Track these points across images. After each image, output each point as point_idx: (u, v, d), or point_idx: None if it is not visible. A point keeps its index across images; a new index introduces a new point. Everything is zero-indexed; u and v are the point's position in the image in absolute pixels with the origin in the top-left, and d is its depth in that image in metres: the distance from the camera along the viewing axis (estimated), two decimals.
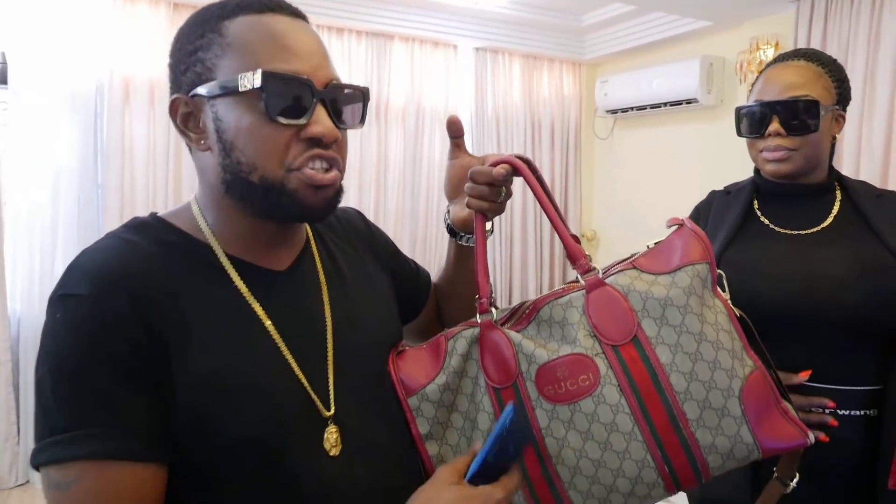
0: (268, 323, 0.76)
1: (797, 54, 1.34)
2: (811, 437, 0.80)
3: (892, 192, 1.35)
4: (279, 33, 0.74)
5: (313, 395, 0.77)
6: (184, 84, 0.76)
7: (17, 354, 3.18)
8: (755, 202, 1.39)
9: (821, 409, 1.22)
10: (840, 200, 1.34)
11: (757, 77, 1.38)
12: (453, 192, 0.97)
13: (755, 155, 1.35)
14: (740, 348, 0.81)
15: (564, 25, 4.13)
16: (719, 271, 0.85)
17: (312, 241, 0.89)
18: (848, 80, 1.35)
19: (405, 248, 3.98)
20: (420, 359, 0.88)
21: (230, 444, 0.70)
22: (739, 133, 1.36)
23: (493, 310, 0.87)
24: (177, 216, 0.80)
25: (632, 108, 4.09)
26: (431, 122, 4.07)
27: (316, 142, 0.74)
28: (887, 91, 2.75)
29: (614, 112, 4.26)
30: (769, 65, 1.36)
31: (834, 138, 1.34)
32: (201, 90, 0.73)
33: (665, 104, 3.84)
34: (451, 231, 0.99)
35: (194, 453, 0.70)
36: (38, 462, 0.67)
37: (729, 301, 0.84)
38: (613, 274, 0.84)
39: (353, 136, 3.86)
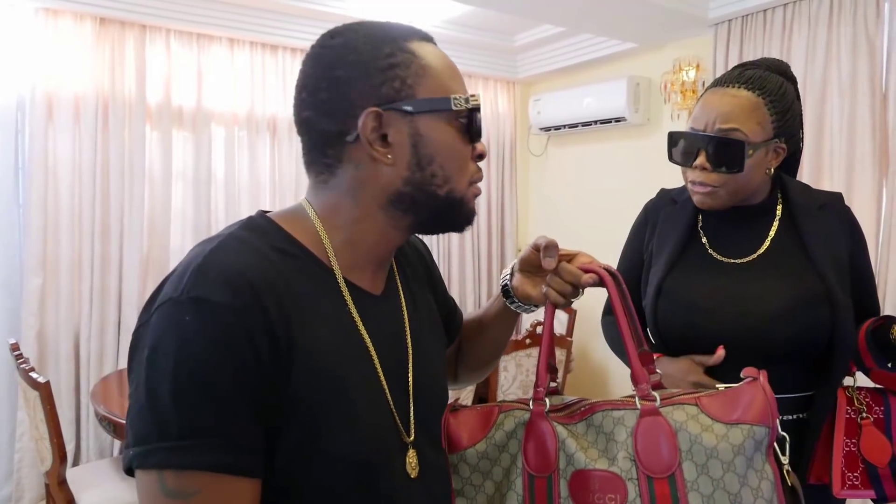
0: (371, 349, 0.78)
1: (740, 79, 1.26)
2: None
3: (836, 197, 1.35)
4: (451, 64, 0.82)
5: (398, 421, 0.80)
6: (373, 97, 0.76)
7: None
8: (699, 218, 1.38)
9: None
10: (780, 219, 1.32)
11: (700, 96, 1.33)
12: (526, 267, 0.99)
13: (685, 180, 1.34)
14: None
15: (498, 45, 4.23)
16: (783, 434, 0.84)
17: (394, 266, 0.91)
18: (794, 109, 1.28)
19: None
20: (470, 421, 0.92)
21: (335, 464, 0.72)
22: (671, 158, 1.34)
23: (547, 400, 0.90)
24: (292, 224, 0.80)
25: (564, 126, 4.21)
26: None
27: (479, 159, 0.83)
28: None
29: (548, 129, 4.37)
30: (712, 84, 1.31)
31: (770, 170, 1.28)
32: (404, 105, 0.76)
33: (595, 122, 3.97)
34: (507, 294, 1.01)
35: (298, 471, 0.71)
36: (152, 465, 0.64)
37: (785, 468, 0.83)
38: (673, 405, 0.85)
39: (288, 153, 3.83)
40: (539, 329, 2.96)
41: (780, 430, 0.83)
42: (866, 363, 1.26)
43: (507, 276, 1.02)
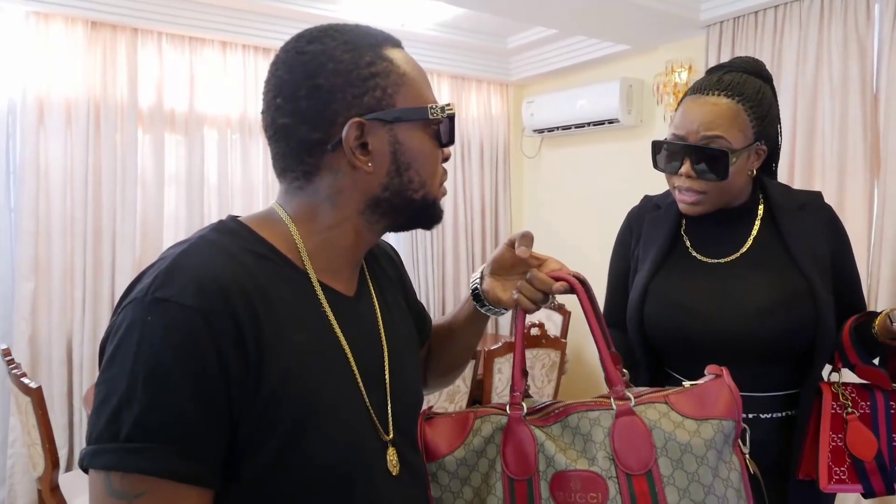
0: (347, 350, 0.79)
1: (719, 86, 1.28)
2: None
3: (816, 197, 1.37)
4: (423, 70, 0.84)
5: (376, 421, 0.81)
6: (356, 107, 0.76)
7: None
8: (683, 222, 1.41)
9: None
10: (761, 219, 1.34)
11: (679, 102, 1.35)
12: (497, 270, 1.01)
13: (671, 188, 1.35)
14: None
15: (491, 47, 4.23)
16: (745, 426, 0.90)
17: (366, 269, 0.91)
18: (772, 112, 1.31)
19: None
20: (446, 428, 0.93)
21: (313, 468, 0.72)
22: (655, 165, 1.36)
23: (524, 404, 0.92)
24: (265, 227, 0.80)
25: (558, 128, 4.22)
26: None
27: (445, 161, 0.86)
28: (789, 109, 2.94)
29: (541, 131, 4.38)
30: (690, 91, 1.33)
31: (752, 172, 1.32)
32: (385, 115, 0.77)
33: (588, 124, 3.98)
34: (478, 297, 1.02)
35: (276, 474, 0.70)
36: (100, 465, 0.64)
37: (747, 457, 0.89)
38: (644, 403, 0.89)
39: None
40: (534, 331, 2.96)
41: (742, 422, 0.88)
42: (851, 359, 1.28)
43: (478, 280, 1.03)
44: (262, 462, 0.69)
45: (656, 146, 1.34)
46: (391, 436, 0.82)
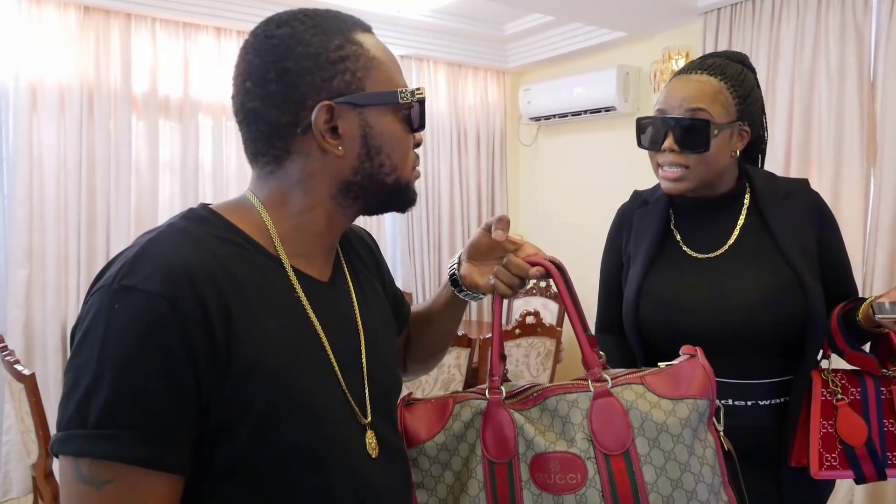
0: (322, 334, 0.79)
1: (702, 66, 1.32)
2: None
3: (802, 184, 1.38)
4: (393, 55, 0.85)
5: (353, 404, 0.81)
6: (325, 90, 0.76)
7: None
8: (671, 216, 1.42)
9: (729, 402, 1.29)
10: (747, 208, 1.35)
11: (665, 87, 1.37)
12: (474, 255, 1.01)
13: (654, 167, 1.36)
14: (719, 483, 0.88)
15: (487, 34, 4.21)
16: (719, 405, 0.91)
17: (341, 254, 0.92)
18: (754, 94, 1.33)
19: None
20: (426, 414, 0.94)
21: (288, 450, 0.73)
22: (640, 144, 1.37)
23: (503, 388, 0.93)
24: (236, 214, 0.79)
25: (554, 116, 4.20)
26: None
27: (417, 146, 0.86)
28: (786, 96, 2.93)
29: (538, 119, 4.36)
30: (675, 74, 1.36)
31: (736, 152, 1.32)
32: (355, 98, 0.77)
33: (585, 112, 3.97)
34: (455, 283, 1.03)
35: (254, 456, 0.71)
36: (69, 451, 0.64)
37: (721, 435, 0.90)
38: (621, 385, 0.90)
39: None
40: (529, 319, 2.96)
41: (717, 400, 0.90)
42: (840, 345, 1.29)
43: (455, 265, 1.03)
44: (236, 447, 0.70)
45: (640, 124, 1.36)
46: (369, 419, 0.83)
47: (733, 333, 1.28)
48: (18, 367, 2.19)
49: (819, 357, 1.34)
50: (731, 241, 1.34)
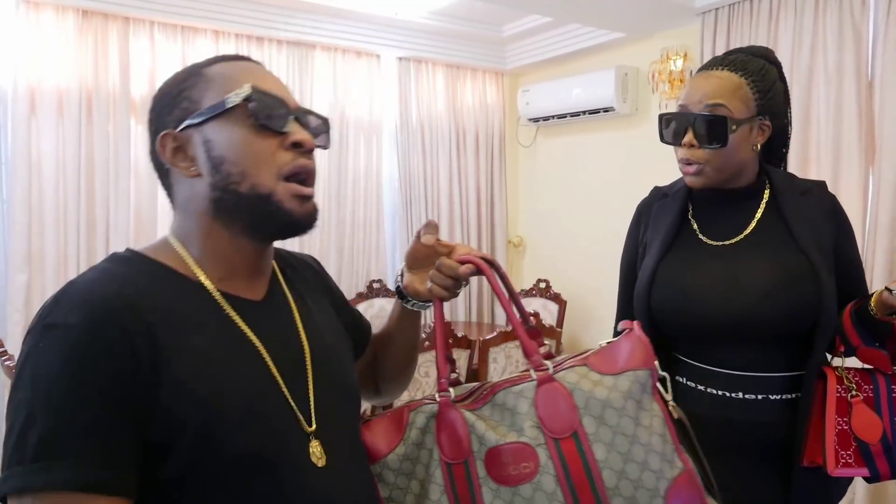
0: (260, 347, 0.81)
1: (723, 62, 1.34)
2: None
3: (820, 185, 1.40)
4: (253, 69, 0.86)
5: (298, 413, 0.82)
6: (170, 122, 0.82)
7: None
8: (689, 207, 1.44)
9: (740, 394, 1.29)
10: (766, 202, 1.37)
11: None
12: (413, 263, 1.03)
13: (678, 161, 1.38)
14: (671, 451, 0.87)
15: (485, 36, 4.21)
16: (663, 374, 0.91)
17: (279, 274, 0.94)
18: (777, 89, 1.35)
19: (331, 260, 3.97)
20: (383, 428, 0.94)
21: (231, 462, 0.73)
22: (662, 139, 1.40)
23: (451, 390, 0.94)
24: (157, 252, 0.83)
25: (553, 117, 4.20)
26: (356, 131, 4.07)
27: (298, 148, 0.82)
28: None
29: (536, 120, 4.36)
30: (698, 70, 1.39)
31: (756, 146, 1.34)
32: (190, 120, 0.81)
33: (584, 112, 3.97)
34: (401, 294, 1.04)
35: (193, 473, 0.72)
36: (10, 489, 0.65)
37: (669, 404, 0.90)
38: (565, 369, 0.90)
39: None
40: (531, 321, 2.96)
41: (659, 370, 0.90)
42: (853, 341, 1.29)
43: (399, 277, 1.05)
44: (180, 462, 0.71)
45: (663, 119, 1.39)
46: (313, 427, 0.83)
47: (743, 319, 1.29)
48: None
49: (831, 358, 1.35)
50: (747, 232, 1.36)
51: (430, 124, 4.34)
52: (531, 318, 1.10)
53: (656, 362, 0.90)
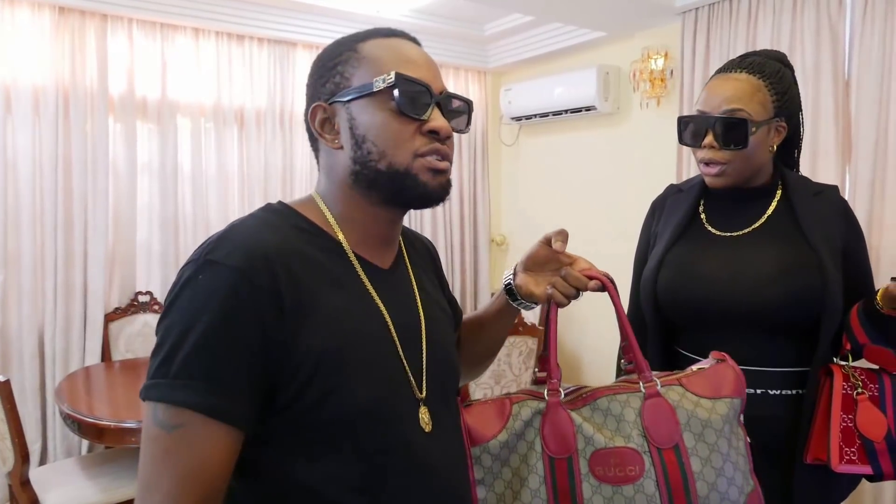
0: (384, 311, 0.87)
1: (741, 65, 1.38)
2: None
3: (832, 188, 1.43)
4: (404, 50, 0.90)
5: (411, 378, 0.88)
6: (322, 94, 0.89)
7: None
8: (701, 202, 1.48)
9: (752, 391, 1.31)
10: (778, 200, 1.41)
11: (706, 84, 1.42)
12: (532, 266, 1.07)
13: (697, 161, 1.42)
14: (748, 470, 1.01)
15: (468, 34, 4.21)
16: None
17: (404, 248, 1.00)
18: (792, 91, 1.39)
19: None
20: (485, 414, 1.01)
21: (349, 412, 0.80)
22: (681, 141, 1.43)
23: (561, 391, 1.02)
24: (304, 207, 0.91)
25: (535, 116, 4.21)
26: None
27: (434, 135, 0.87)
28: None
29: (519, 119, 4.37)
30: (716, 72, 1.42)
31: (773, 147, 1.39)
32: (340, 97, 0.87)
33: (566, 111, 3.98)
34: (511, 292, 1.09)
35: (310, 421, 0.78)
36: (151, 397, 0.74)
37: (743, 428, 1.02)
38: (665, 386, 1.02)
39: (256, 145, 3.78)
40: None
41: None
42: (859, 339, 1.29)
43: (510, 275, 1.10)
44: (304, 404, 0.77)
45: (682, 122, 1.42)
46: (424, 394, 0.89)
47: (746, 304, 1.31)
48: None
49: (837, 359, 1.36)
50: (756, 225, 1.39)
51: None
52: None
53: (745, 390, 1.02)
